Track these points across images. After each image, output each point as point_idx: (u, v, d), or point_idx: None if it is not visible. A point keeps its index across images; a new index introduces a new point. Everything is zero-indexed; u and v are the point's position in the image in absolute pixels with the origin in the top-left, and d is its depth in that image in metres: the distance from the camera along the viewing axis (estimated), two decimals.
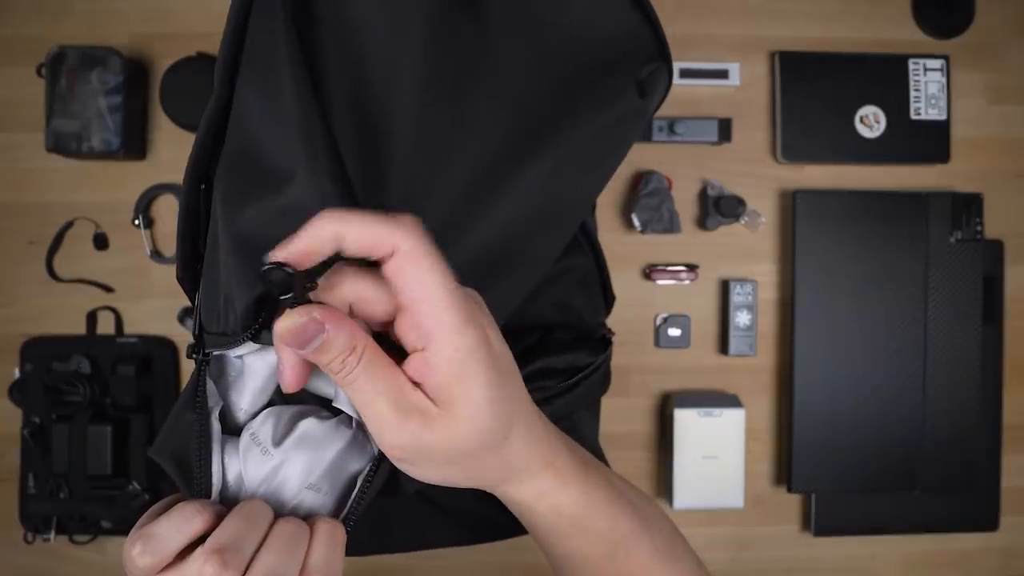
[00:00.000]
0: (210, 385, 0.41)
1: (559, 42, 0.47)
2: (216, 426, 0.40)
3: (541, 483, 0.41)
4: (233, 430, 0.41)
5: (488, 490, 0.42)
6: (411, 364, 0.36)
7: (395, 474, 0.41)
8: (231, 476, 0.40)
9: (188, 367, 0.91)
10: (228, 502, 0.39)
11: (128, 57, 0.86)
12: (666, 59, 0.53)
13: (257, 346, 0.39)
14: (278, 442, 0.39)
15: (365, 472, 0.41)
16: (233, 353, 0.40)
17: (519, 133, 0.45)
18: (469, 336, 0.35)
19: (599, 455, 0.63)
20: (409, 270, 0.34)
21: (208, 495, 0.39)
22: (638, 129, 0.54)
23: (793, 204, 0.91)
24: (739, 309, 0.93)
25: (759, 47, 0.95)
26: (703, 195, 0.94)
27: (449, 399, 0.36)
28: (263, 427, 0.40)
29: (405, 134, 0.42)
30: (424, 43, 0.42)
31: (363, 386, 0.35)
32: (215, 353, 0.40)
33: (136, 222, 0.91)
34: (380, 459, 0.41)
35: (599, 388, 0.65)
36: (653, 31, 0.51)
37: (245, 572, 0.35)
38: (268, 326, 0.37)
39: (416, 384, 0.36)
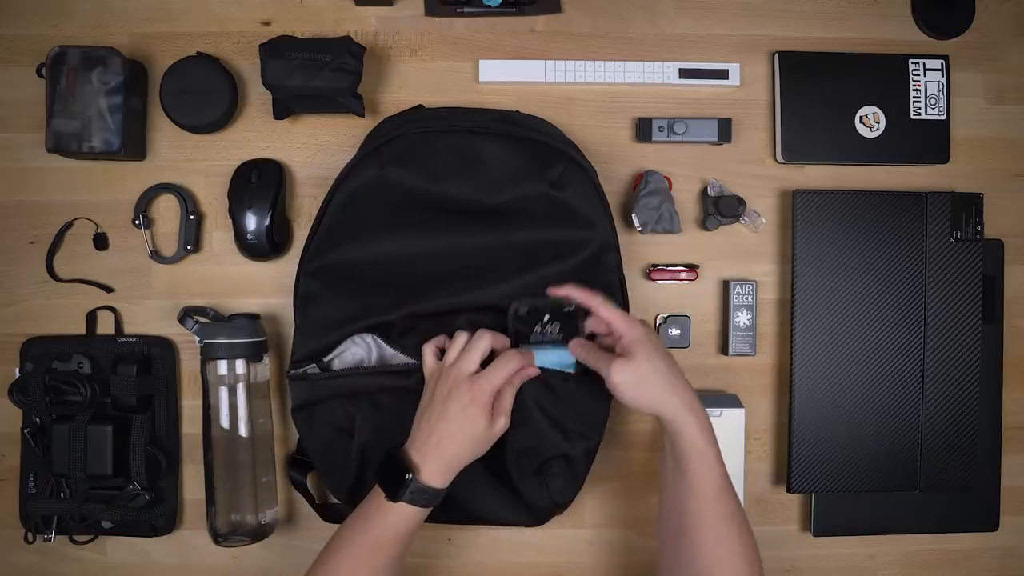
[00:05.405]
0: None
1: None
2: None
3: (689, 427, 0.73)
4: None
5: (664, 419, 0.74)
6: (617, 351, 0.76)
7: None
8: None
9: (188, 367, 0.92)
10: None
11: (128, 57, 0.86)
12: (572, 159, 0.84)
13: None
14: None
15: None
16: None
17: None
18: (640, 334, 0.76)
19: None
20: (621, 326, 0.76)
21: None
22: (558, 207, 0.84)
23: (793, 204, 0.91)
24: (739, 309, 0.93)
25: (759, 47, 0.95)
26: (703, 195, 0.94)
27: (631, 353, 0.74)
28: None
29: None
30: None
31: (594, 359, 0.76)
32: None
33: (136, 222, 0.91)
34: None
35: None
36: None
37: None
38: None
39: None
